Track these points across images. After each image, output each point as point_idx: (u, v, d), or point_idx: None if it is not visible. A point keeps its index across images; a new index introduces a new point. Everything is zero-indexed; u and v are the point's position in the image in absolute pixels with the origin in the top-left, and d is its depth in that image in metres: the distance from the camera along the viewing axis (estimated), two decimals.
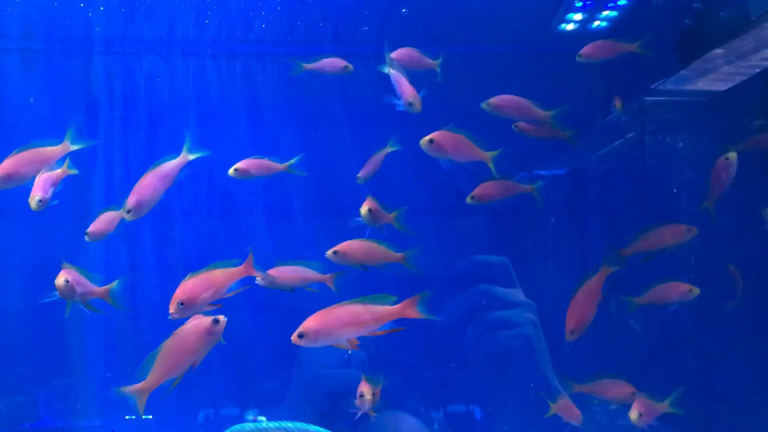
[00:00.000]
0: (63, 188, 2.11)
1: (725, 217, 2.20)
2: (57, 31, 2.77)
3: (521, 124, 2.30)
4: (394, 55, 2.14)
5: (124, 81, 2.84)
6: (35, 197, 1.89)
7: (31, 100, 2.81)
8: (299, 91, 2.87)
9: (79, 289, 1.79)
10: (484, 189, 2.21)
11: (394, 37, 2.77)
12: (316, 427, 1.16)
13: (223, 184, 2.75)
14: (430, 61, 2.24)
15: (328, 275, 2.00)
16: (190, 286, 1.61)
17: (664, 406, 1.95)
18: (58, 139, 1.97)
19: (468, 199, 2.20)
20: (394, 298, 1.52)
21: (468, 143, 1.99)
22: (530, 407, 2.37)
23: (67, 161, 2.03)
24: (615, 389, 2.10)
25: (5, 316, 2.72)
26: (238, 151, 2.86)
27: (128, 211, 1.74)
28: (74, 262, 2.72)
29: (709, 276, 2.29)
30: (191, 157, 1.83)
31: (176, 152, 2.80)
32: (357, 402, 1.88)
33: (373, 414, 1.90)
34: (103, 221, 2.04)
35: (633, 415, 1.92)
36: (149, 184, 1.78)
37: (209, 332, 1.48)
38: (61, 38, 2.80)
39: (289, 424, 1.15)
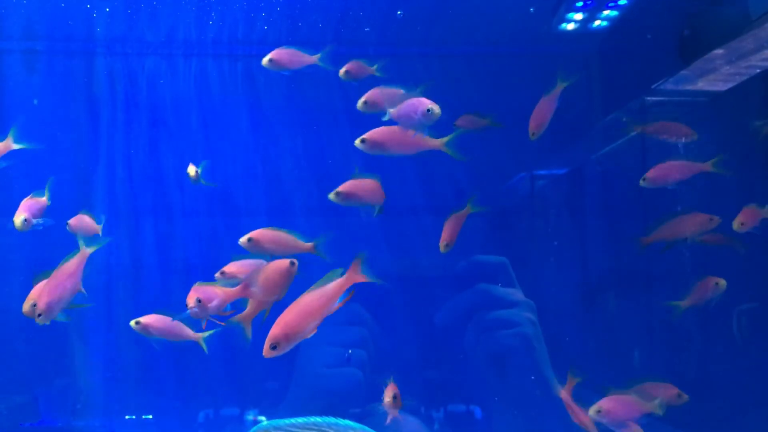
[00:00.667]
0: (62, 191, 2.14)
1: (725, 214, 2.19)
2: (61, 31, 2.78)
3: (460, 120, 2.26)
4: (272, 56, 2.15)
5: (126, 82, 2.85)
6: (21, 216, 1.98)
7: (35, 101, 2.82)
8: (301, 91, 2.88)
9: None
10: (449, 230, 2.19)
11: (395, 38, 2.78)
12: (345, 421, 1.17)
13: (224, 183, 2.76)
14: (310, 57, 2.20)
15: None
16: (203, 288, 1.69)
17: (652, 406, 1.92)
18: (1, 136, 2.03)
19: (442, 249, 2.18)
20: (341, 270, 1.54)
21: (411, 135, 1.94)
22: (530, 406, 2.37)
23: (47, 191, 2.11)
24: (660, 393, 2.07)
25: (5, 316, 2.72)
26: (240, 151, 2.87)
27: (39, 315, 1.72)
28: None
29: (709, 274, 2.28)
30: (90, 250, 1.84)
31: (176, 153, 2.83)
32: (384, 405, 1.88)
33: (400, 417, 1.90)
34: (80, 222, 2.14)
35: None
36: (57, 286, 1.76)
37: (288, 272, 1.65)
38: (66, 39, 2.82)
39: (318, 419, 1.16)
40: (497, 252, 2.53)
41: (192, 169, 2.22)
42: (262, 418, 2.71)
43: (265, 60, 2.16)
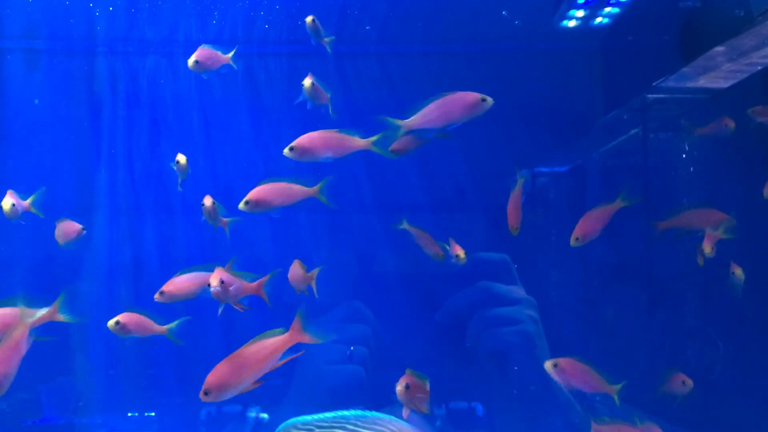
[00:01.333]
0: (64, 188, 2.14)
1: (727, 211, 2.20)
2: (63, 30, 2.78)
3: (396, 144, 2.09)
4: (196, 57, 2.12)
5: (127, 81, 2.85)
6: (9, 201, 2.05)
7: (36, 100, 2.82)
8: (301, 90, 2.87)
9: None
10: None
11: (395, 36, 2.78)
12: (372, 413, 1.19)
13: (225, 182, 2.76)
14: (224, 56, 2.19)
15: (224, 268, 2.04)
16: (225, 273, 1.75)
17: (610, 389, 1.90)
18: None
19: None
20: (282, 329, 1.56)
21: (340, 137, 1.97)
22: (531, 403, 2.37)
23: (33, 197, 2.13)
24: (671, 382, 2.10)
25: None
26: (241, 149, 2.88)
27: None
28: (78, 261, 2.74)
29: (711, 271, 2.28)
30: (30, 321, 1.80)
31: (177, 152, 2.83)
32: (397, 395, 1.83)
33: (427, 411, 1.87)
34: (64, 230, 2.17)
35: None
36: (4, 360, 1.72)
37: None
38: (68, 38, 2.82)
39: (347, 413, 1.18)
40: (498, 249, 2.53)
41: (182, 158, 2.21)
42: (264, 415, 2.71)
43: (190, 62, 2.11)
